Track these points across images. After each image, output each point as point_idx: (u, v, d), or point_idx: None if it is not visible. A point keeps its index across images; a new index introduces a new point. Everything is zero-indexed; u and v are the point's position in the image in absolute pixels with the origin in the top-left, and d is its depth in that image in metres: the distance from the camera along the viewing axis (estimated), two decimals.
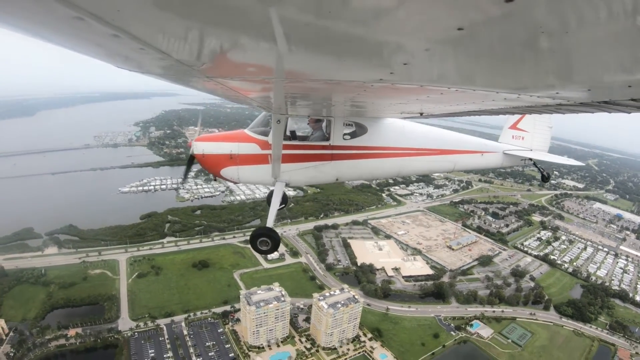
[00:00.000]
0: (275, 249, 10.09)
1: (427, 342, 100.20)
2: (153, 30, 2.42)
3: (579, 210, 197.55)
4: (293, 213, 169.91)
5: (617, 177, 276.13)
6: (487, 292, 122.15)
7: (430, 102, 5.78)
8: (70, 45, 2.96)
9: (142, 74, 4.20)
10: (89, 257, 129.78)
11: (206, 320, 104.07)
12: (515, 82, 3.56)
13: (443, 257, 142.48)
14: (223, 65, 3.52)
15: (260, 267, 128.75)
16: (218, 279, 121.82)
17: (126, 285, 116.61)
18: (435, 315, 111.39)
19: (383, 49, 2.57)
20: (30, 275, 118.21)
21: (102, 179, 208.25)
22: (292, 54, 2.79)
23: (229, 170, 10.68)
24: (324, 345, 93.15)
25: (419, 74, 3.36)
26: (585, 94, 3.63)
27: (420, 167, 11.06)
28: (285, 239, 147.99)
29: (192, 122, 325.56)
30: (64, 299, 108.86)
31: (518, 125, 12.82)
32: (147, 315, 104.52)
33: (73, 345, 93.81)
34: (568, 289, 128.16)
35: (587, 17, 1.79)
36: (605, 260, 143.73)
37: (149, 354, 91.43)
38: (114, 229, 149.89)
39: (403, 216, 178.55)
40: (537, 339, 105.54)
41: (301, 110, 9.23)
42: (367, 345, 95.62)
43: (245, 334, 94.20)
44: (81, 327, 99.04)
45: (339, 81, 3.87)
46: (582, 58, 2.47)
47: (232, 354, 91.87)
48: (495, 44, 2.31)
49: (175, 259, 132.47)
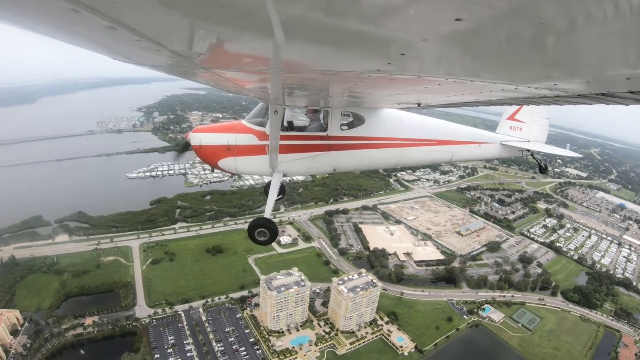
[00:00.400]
0: (273, 239, 10.12)
1: (442, 326, 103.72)
2: (149, 22, 2.41)
3: (583, 198, 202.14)
4: (303, 198, 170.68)
5: (619, 167, 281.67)
6: (496, 278, 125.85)
7: (427, 92, 5.80)
8: (66, 38, 2.95)
9: (139, 65, 4.18)
10: (101, 244, 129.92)
11: (224, 305, 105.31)
12: (513, 73, 3.58)
13: (452, 243, 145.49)
14: (219, 56, 3.55)
15: (274, 252, 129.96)
16: (233, 264, 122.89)
17: (140, 272, 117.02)
18: (447, 300, 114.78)
19: (380, 40, 2.54)
20: (42, 263, 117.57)
21: (109, 165, 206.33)
22: (288, 45, 2.79)
23: (226, 162, 10.73)
24: (343, 329, 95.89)
25: (416, 64, 3.38)
26: (583, 86, 3.64)
27: (418, 157, 11.19)
28: (297, 224, 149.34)
29: (195, 107, 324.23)
30: (78, 287, 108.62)
31: (516, 116, 12.92)
32: (164, 302, 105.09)
33: (90, 334, 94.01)
34: (574, 276, 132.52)
35: (586, 9, 1.79)
36: (609, 249, 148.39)
37: (169, 341, 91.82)
38: (124, 215, 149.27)
39: (411, 202, 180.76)
40: (546, 324, 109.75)
41: (298, 101, 9.26)
42: (384, 329, 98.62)
43: (264, 318, 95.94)
44: (97, 315, 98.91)
45: (336, 72, 3.91)
46: (581, 50, 2.47)
47: (252, 338, 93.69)
48: (493, 35, 2.30)
49: (188, 244, 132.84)
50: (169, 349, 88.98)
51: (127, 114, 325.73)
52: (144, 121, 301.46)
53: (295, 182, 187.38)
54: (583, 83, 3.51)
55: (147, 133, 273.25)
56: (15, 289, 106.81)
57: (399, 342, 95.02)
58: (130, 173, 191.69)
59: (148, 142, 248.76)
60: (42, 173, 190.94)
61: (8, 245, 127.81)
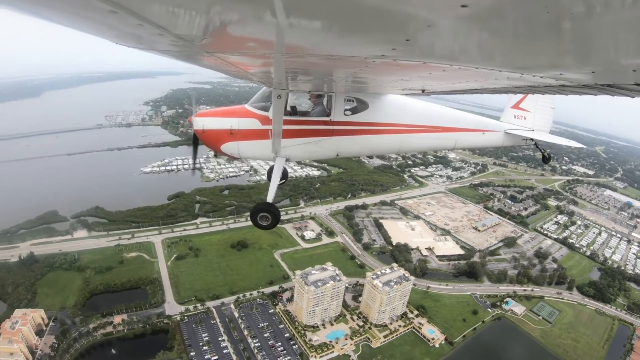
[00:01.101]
0: (276, 224, 10.25)
1: (468, 318, 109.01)
2: (151, 6, 2.47)
3: (591, 196, 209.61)
4: (321, 193, 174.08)
5: (624, 165, 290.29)
6: (515, 272, 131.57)
7: (432, 79, 5.86)
8: (68, 23, 3.07)
9: (142, 50, 4.29)
10: (122, 240, 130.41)
11: (255, 301, 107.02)
12: (518, 61, 3.65)
13: (470, 238, 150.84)
14: (223, 40, 3.62)
15: (298, 247, 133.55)
16: (259, 259, 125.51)
17: (166, 268, 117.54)
18: (471, 293, 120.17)
19: (385, 24, 2.56)
20: (62, 260, 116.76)
21: (121, 159, 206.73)
22: (292, 29, 2.85)
23: (229, 146, 10.92)
24: (376, 322, 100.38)
25: (421, 50, 3.44)
26: (589, 76, 3.70)
27: (421, 143, 11.26)
28: (319, 219, 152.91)
29: (202, 101, 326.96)
30: (103, 285, 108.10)
31: (520, 105, 12.95)
32: (194, 298, 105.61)
33: (120, 333, 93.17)
34: (587, 272, 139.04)
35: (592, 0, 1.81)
36: (619, 246, 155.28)
37: (203, 338, 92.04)
38: (142, 210, 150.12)
39: (427, 197, 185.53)
40: (564, 317, 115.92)
41: (302, 86, 9.39)
42: (415, 322, 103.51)
43: (299, 313, 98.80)
44: (126, 313, 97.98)
45: (340, 56, 3.96)
46: (587, 40, 2.51)
47: (288, 334, 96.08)
48: (499, 23, 2.35)
49: (211, 239, 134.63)
50: (204, 346, 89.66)
51: (134, 107, 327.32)
52: (153, 115, 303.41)
53: (313, 177, 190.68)
54: (589, 73, 3.58)
55: (157, 127, 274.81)
56: (36, 287, 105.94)
57: (430, 335, 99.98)
58: (145, 167, 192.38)
59: (159, 136, 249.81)
60: (54, 167, 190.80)
61: (25, 242, 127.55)
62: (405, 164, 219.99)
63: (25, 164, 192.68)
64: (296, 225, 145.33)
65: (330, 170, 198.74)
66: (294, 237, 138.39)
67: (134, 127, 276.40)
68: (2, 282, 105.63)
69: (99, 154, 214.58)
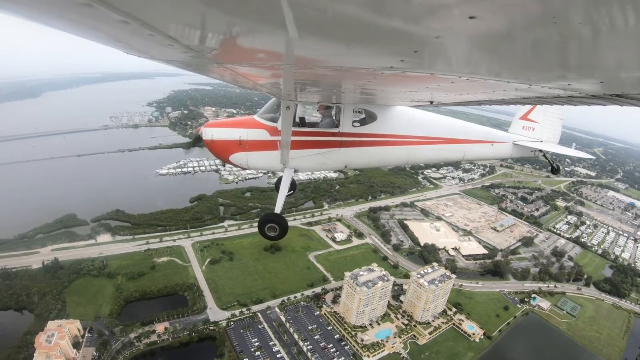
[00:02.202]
0: (283, 235, 10.46)
1: (501, 314, 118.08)
2: (162, 16, 2.54)
3: (596, 197, 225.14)
4: (342, 195, 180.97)
5: (623, 167, 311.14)
6: (536, 270, 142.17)
7: (440, 90, 5.98)
8: (78, 32, 3.15)
9: (152, 60, 4.44)
10: (150, 244, 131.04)
11: (299, 304, 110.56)
12: (526, 72, 3.73)
13: (491, 238, 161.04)
14: (233, 51, 3.74)
15: (331, 248, 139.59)
16: (295, 262, 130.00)
17: (201, 272, 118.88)
18: (499, 290, 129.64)
19: (393, 36, 2.63)
20: (90, 266, 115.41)
21: (134, 161, 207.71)
22: (301, 40, 2.95)
23: (238, 156, 11.23)
24: (420, 320, 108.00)
25: (429, 62, 3.54)
26: (597, 87, 3.77)
27: (430, 155, 11.53)
28: (346, 221, 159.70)
29: (206, 102, 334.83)
30: (138, 292, 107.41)
31: (529, 116, 13.19)
32: (236, 303, 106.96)
33: (165, 342, 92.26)
34: (601, 269, 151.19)
35: (601, 8, 1.83)
36: (627, 245, 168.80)
37: (253, 343, 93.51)
38: (166, 213, 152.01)
39: (443, 199, 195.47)
40: (585, 311, 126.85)
41: (311, 97, 9.64)
42: (455, 318, 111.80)
43: (348, 314, 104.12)
44: (168, 320, 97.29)
45: (349, 68, 4.09)
46: (595, 50, 2.55)
47: (337, 335, 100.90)
48: (508, 34, 2.39)
49: (243, 242, 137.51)
50: (256, 352, 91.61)
51: (138, 108, 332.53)
52: (158, 116, 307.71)
53: (331, 179, 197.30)
54: (597, 84, 3.65)
55: (164, 128, 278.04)
56: (65, 295, 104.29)
57: (470, 330, 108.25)
58: (160, 169, 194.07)
59: (168, 137, 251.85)
60: (65, 169, 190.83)
61: (45, 247, 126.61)
62: (418, 166, 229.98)
63: (35, 165, 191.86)
64: (325, 227, 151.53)
65: (347, 173, 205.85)
66: (324, 239, 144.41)
67: (141, 128, 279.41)
68: (27, 291, 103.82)
69: (109, 155, 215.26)
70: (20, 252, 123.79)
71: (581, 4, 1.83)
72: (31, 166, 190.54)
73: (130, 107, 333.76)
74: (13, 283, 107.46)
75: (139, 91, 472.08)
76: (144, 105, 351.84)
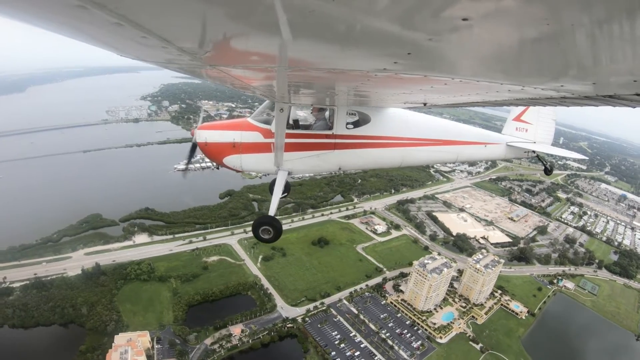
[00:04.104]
0: (277, 237, 10.88)
1: (536, 294, 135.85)
2: (156, 19, 2.66)
3: (591, 189, 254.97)
4: (366, 188, 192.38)
5: (610, 160, 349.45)
6: (555, 255, 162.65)
7: (434, 92, 6.30)
8: (72, 34, 3.26)
9: (145, 62, 4.68)
10: (193, 244, 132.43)
11: (364, 295, 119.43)
12: (519, 74, 3.93)
13: (510, 227, 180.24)
14: (226, 53, 3.90)
15: (375, 240, 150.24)
16: (345, 254, 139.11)
17: (258, 270, 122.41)
18: (530, 274, 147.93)
19: (387, 38, 2.77)
20: (137, 270, 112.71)
21: (145, 156, 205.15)
22: (295, 43, 3.10)
23: (231, 159, 11.79)
24: (475, 302, 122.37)
25: (422, 64, 3.72)
26: (589, 88, 3.95)
27: (424, 157, 12.13)
28: (379, 214, 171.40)
29: (201, 96, 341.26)
30: (199, 294, 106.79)
31: (522, 117, 13.78)
32: (305, 299, 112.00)
33: (246, 345, 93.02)
34: (607, 254, 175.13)
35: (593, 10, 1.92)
36: (625, 232, 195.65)
37: (334, 336, 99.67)
38: (199, 210, 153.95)
39: (458, 191, 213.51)
40: (603, 290, 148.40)
41: (304, 99, 10.12)
42: (502, 299, 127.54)
43: (416, 301, 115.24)
44: (241, 322, 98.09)
45: (343, 70, 4.28)
46: (588, 52, 2.68)
47: (408, 321, 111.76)
48: (500, 36, 2.54)
49: (289, 238, 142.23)
50: (341, 344, 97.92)
51: (131, 102, 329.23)
52: (157, 110, 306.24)
53: (353, 174, 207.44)
54: (590, 85, 3.83)
55: (166, 122, 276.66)
56: (116, 303, 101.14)
57: (517, 309, 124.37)
58: (178, 164, 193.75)
59: (173, 131, 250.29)
60: (73, 166, 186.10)
61: (77, 251, 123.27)
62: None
63: (38, 163, 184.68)
64: (363, 220, 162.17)
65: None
66: (365, 231, 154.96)
67: (142, 123, 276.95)
68: (70, 302, 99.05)
69: (117, 150, 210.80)
70: (49, 257, 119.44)
71: (573, 7, 1.94)
72: (34, 163, 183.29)
73: (123, 101, 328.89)
74: (51, 294, 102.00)
75: (128, 85, 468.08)
76: (137, 99, 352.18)
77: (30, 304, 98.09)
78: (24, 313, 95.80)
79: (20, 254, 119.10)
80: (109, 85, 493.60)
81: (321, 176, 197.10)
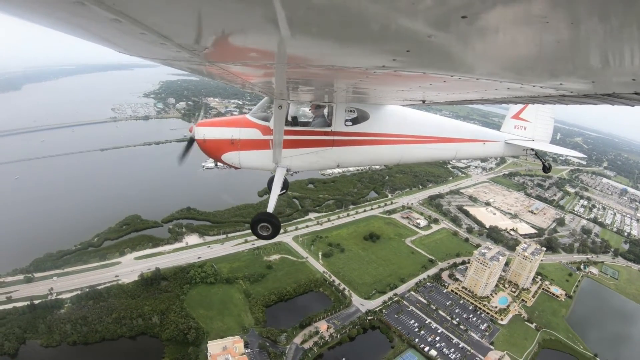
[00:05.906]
0: (276, 234, 11.28)
1: (568, 279, 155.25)
2: (154, 15, 2.74)
3: (594, 184, 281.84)
4: (395, 185, 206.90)
5: (606, 155, 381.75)
6: (577, 245, 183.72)
7: (432, 89, 6.50)
8: (69, 31, 3.39)
9: (144, 59, 4.84)
10: (249, 243, 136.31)
11: (426, 285, 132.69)
12: (518, 72, 4.08)
13: (532, 220, 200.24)
14: (225, 50, 4.03)
15: (419, 234, 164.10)
16: (398, 248, 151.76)
17: (322, 266, 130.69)
18: (559, 261, 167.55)
19: (386, 35, 2.88)
20: (202, 273, 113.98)
21: (168, 154, 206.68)
22: (294, 39, 3.19)
23: (230, 156, 12.22)
24: (523, 287, 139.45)
25: (421, 61, 3.86)
26: (588, 86, 4.09)
27: (422, 154, 12.58)
28: (416, 209, 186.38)
29: (204, 93, 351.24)
30: (274, 294, 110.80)
31: (521, 115, 14.38)
32: (375, 292, 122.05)
33: (335, 340, 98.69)
34: (620, 243, 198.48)
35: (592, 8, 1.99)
36: (632, 224, 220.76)
37: (413, 325, 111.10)
38: (243, 209, 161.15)
39: (479, 186, 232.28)
40: (622, 275, 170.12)
41: (303, 96, 10.57)
42: (543, 284, 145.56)
43: (476, 287, 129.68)
44: (324, 319, 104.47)
45: (341, 67, 4.44)
46: (587, 50, 2.80)
47: (470, 306, 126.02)
48: (500, 33, 2.62)
49: (341, 234, 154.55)
50: (421, 331, 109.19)
51: (134, 100, 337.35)
52: (164, 107, 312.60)
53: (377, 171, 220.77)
54: (589, 83, 3.96)
55: (177, 120, 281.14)
56: (187, 309, 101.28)
57: (557, 292, 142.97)
58: (206, 162, 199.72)
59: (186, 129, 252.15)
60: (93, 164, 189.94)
61: (125, 255, 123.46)
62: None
63: (54, 162, 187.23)
64: (403, 215, 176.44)
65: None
66: (408, 226, 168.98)
67: (152, 120, 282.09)
68: (137, 312, 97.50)
69: (135, 148, 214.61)
70: (96, 264, 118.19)
71: (572, 5, 2.01)
72: (50, 163, 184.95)
73: (126, 99, 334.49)
74: (110, 304, 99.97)
75: (124, 82, 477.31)
76: (140, 97, 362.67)
77: (89, 317, 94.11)
78: (86, 328, 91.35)
79: (61, 262, 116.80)
80: (104, 82, 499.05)
81: (350, 173, 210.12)
